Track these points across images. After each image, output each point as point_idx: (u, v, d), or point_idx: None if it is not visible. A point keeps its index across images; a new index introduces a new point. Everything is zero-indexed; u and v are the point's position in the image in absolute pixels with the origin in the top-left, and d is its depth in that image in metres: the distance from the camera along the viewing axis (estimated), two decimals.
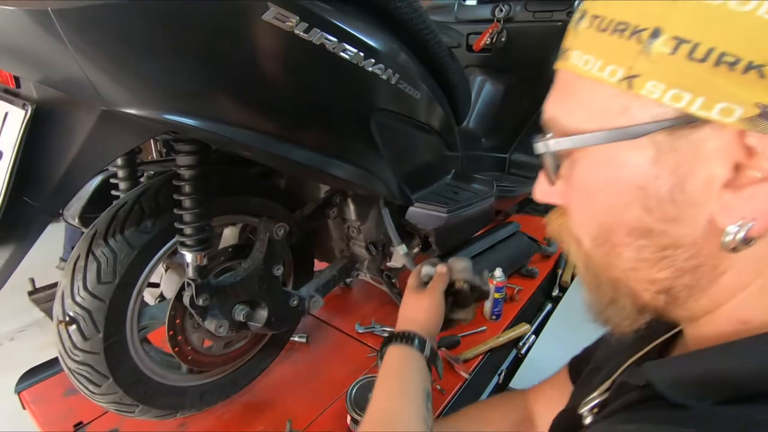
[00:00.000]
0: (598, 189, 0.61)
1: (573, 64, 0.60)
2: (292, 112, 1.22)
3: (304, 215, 1.69)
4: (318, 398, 1.82)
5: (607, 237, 0.62)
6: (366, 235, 1.88)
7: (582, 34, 0.60)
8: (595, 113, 0.57)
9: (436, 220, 1.84)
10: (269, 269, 1.55)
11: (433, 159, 2.02)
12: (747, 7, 0.46)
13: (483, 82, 2.94)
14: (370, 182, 1.52)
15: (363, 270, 2.02)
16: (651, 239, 0.58)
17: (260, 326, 1.58)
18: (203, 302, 1.39)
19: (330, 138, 1.36)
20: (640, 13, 0.53)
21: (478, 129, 2.89)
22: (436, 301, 1.29)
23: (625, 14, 0.54)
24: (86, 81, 0.91)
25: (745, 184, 0.50)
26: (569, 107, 0.61)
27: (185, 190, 1.30)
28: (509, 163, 2.91)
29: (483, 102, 2.91)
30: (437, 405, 1.79)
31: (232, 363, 1.74)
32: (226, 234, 1.70)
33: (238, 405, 1.80)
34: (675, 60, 0.50)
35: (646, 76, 0.52)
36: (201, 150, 1.28)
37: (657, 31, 0.51)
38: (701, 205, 0.53)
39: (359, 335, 2.21)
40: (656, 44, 0.51)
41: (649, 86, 0.52)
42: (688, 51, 0.49)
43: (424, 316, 1.26)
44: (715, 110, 0.49)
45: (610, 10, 0.56)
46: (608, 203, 0.60)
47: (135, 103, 0.97)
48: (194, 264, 1.36)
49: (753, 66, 0.46)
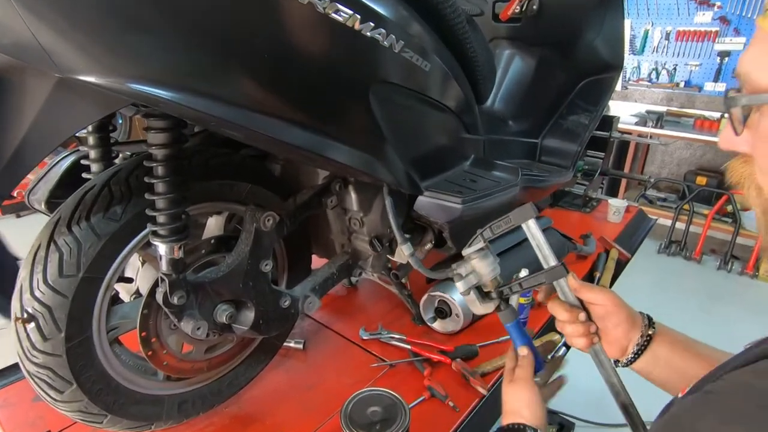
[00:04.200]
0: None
1: None
2: (280, 84, 1.22)
3: (297, 204, 1.69)
4: (313, 412, 1.82)
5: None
6: (370, 228, 1.88)
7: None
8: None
9: (449, 211, 1.83)
10: (256, 264, 1.55)
11: (447, 142, 2.01)
12: None
13: (511, 56, 2.91)
14: (372, 168, 1.52)
15: (367, 268, 2.02)
16: None
17: (246, 329, 1.57)
18: (178, 300, 1.39)
19: (324, 116, 1.36)
20: None
21: (505, 110, 2.86)
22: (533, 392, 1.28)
23: None
24: (36, 45, 0.91)
25: None
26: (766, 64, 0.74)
27: (158, 173, 1.29)
28: (540, 150, 2.89)
29: (511, 79, 2.88)
30: (448, 424, 1.79)
31: (216, 370, 1.74)
32: (210, 224, 1.70)
33: (222, 418, 1.79)
34: None
35: None
36: (176, 126, 1.28)
37: None
38: None
39: (363, 342, 2.21)
40: None
41: None
42: None
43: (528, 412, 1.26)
44: None
45: None
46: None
47: (95, 70, 0.96)
48: (168, 256, 1.35)
49: None
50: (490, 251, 1.30)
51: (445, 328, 2.26)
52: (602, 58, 2.77)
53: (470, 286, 1.30)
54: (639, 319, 1.30)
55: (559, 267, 1.22)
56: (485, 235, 1.28)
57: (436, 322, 2.27)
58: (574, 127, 2.83)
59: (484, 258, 1.29)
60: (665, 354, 1.26)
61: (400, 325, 2.31)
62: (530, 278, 1.26)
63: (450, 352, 2.10)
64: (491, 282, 1.31)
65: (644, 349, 1.27)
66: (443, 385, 1.92)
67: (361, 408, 1.60)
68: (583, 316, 1.28)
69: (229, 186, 1.55)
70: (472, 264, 1.30)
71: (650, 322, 1.30)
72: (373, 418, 1.55)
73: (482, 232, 1.29)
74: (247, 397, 1.88)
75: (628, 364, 1.30)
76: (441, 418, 1.82)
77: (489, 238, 1.28)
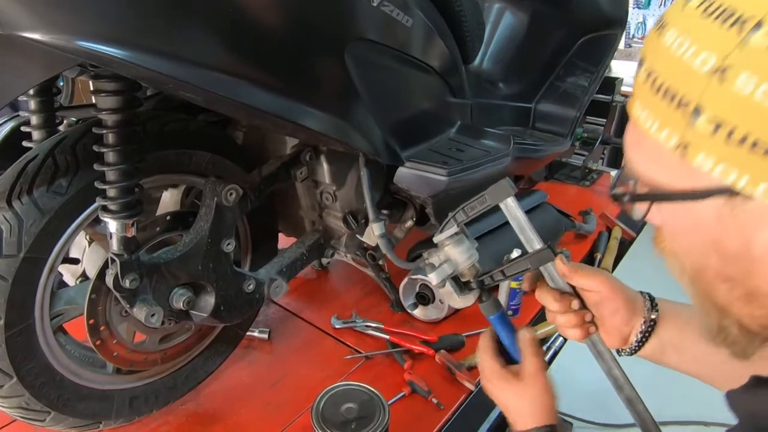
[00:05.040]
0: (682, 234, 0.81)
1: (636, 116, 0.78)
2: (245, 40, 1.23)
3: (263, 176, 1.70)
4: (280, 410, 1.84)
5: (699, 274, 0.81)
6: (343, 203, 1.89)
7: (640, 86, 0.77)
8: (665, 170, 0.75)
9: (433, 184, 1.85)
10: (217, 244, 1.57)
11: (431, 106, 2.03)
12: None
13: (501, 10, 2.89)
14: (347, 135, 1.53)
15: (340, 248, 2.04)
16: (735, 284, 0.76)
17: (206, 316, 1.59)
18: (131, 284, 1.40)
19: (294, 77, 1.38)
20: (683, 84, 0.68)
21: (495, 71, 2.85)
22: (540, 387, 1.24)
23: (673, 81, 0.70)
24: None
25: None
26: (642, 156, 0.79)
27: (108, 141, 1.31)
28: (534, 116, 2.89)
29: (501, 36, 2.86)
30: (432, 423, 1.82)
31: (171, 362, 1.76)
32: (165, 198, 1.71)
33: (177, 416, 1.81)
34: (717, 139, 0.66)
35: (696, 148, 0.69)
36: (129, 89, 1.29)
37: (698, 109, 0.67)
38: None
39: (336, 331, 2.23)
40: (700, 121, 0.67)
41: (699, 158, 0.68)
42: (727, 133, 0.64)
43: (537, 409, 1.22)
44: (760, 189, 0.65)
45: (662, 70, 0.72)
46: (692, 248, 0.80)
47: (40, 27, 0.97)
48: (120, 234, 1.36)
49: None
50: (465, 236, 1.28)
51: (427, 315, 2.28)
52: (603, 13, 2.77)
53: (445, 277, 1.27)
54: (640, 302, 1.28)
55: (546, 250, 1.19)
56: (458, 218, 1.25)
57: (417, 309, 2.29)
58: (572, 89, 2.83)
59: (458, 244, 1.27)
60: (673, 338, 1.26)
61: (376, 313, 2.34)
62: (513, 264, 1.24)
63: (433, 342, 2.12)
64: (469, 270, 1.29)
65: (648, 336, 1.26)
66: (426, 380, 1.94)
67: (335, 405, 1.61)
68: (575, 304, 1.25)
69: (186, 156, 1.57)
70: (446, 251, 1.28)
71: (653, 303, 1.28)
72: (348, 416, 1.57)
73: (455, 215, 1.26)
74: (205, 393, 1.90)
75: (632, 353, 1.29)
76: (424, 417, 1.85)
77: (463, 221, 1.25)
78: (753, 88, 0.61)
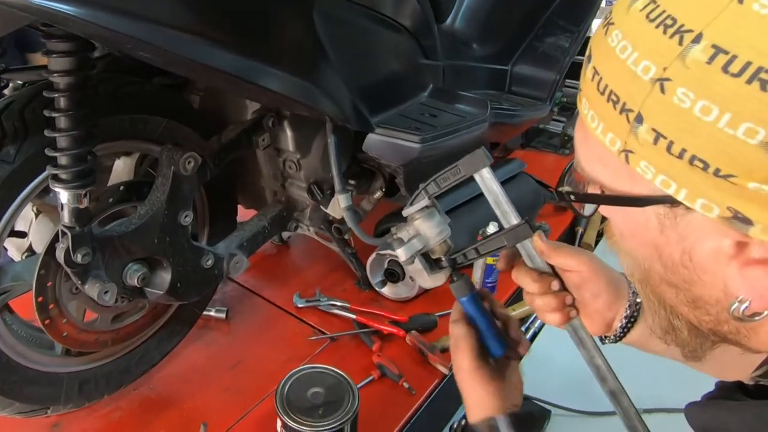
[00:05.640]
0: (627, 236, 0.83)
1: (583, 114, 0.79)
2: None
3: (222, 143, 1.71)
4: (241, 395, 1.87)
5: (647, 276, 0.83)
6: (308, 172, 1.92)
7: (587, 84, 0.78)
8: (610, 172, 0.77)
9: (404, 152, 1.86)
10: (174, 216, 1.58)
11: (402, 68, 2.05)
12: (709, 118, 0.62)
13: None
14: (313, 98, 1.55)
15: (304, 220, 2.06)
16: (680, 291, 0.78)
17: (161, 293, 1.61)
18: (83, 258, 1.42)
19: (257, 35, 1.40)
20: (626, 90, 0.70)
21: (469, 30, 2.80)
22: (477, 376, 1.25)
23: (617, 85, 0.71)
24: None
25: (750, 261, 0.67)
26: (589, 154, 0.81)
27: (60, 105, 1.31)
28: (511, 78, 2.89)
29: None
30: (403, 409, 1.85)
31: (124, 343, 1.77)
32: (117, 167, 1.71)
33: (130, 401, 1.83)
34: (658, 150, 0.67)
35: (638, 155, 0.70)
36: (82, 50, 1.30)
37: (640, 117, 0.68)
38: (714, 273, 0.71)
39: (298, 311, 2.25)
40: (641, 130, 0.68)
41: (642, 165, 0.70)
42: (666, 145, 0.66)
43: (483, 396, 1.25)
44: (698, 204, 0.66)
45: (607, 72, 0.74)
46: (637, 251, 0.82)
47: None
48: (71, 206, 1.37)
49: (720, 174, 0.63)
50: (436, 209, 1.24)
51: (397, 293, 2.31)
52: None
53: (414, 253, 1.23)
54: (624, 284, 1.26)
55: (523, 226, 1.15)
56: (430, 189, 1.21)
57: (385, 287, 2.32)
58: (552, 50, 2.84)
59: (429, 218, 1.22)
60: None
61: (342, 291, 2.37)
62: (488, 242, 1.19)
63: (403, 322, 2.15)
64: (440, 247, 1.25)
65: (633, 321, 1.25)
66: (396, 363, 1.97)
67: (300, 389, 1.63)
68: (555, 285, 1.21)
69: (141, 121, 1.58)
70: (416, 226, 1.23)
71: None
72: (315, 401, 1.59)
73: (426, 187, 1.21)
74: (160, 377, 1.92)
75: (617, 341, 1.28)
76: (394, 402, 1.88)
77: (435, 193, 1.21)
78: (690, 104, 0.63)
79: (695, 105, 0.62)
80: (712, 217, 0.66)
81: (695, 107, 0.62)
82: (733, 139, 0.60)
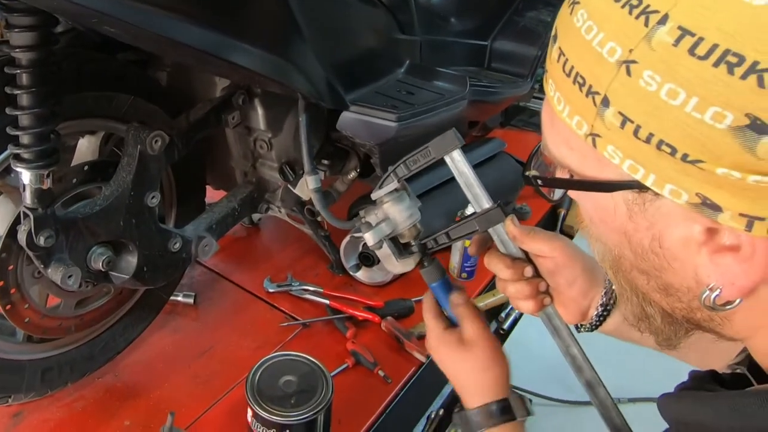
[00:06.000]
0: (596, 222, 0.84)
1: (550, 96, 0.80)
2: None
3: (190, 122, 1.72)
4: (209, 383, 1.88)
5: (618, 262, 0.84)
6: (279, 152, 1.93)
7: (553, 64, 0.79)
8: (577, 156, 0.78)
9: (380, 131, 1.87)
10: (140, 197, 1.59)
11: (377, 43, 2.06)
12: (676, 102, 0.63)
13: None
14: (285, 75, 1.56)
15: (275, 202, 2.08)
16: (651, 278, 0.80)
17: (127, 278, 1.62)
18: (45, 241, 1.42)
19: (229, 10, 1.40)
20: (592, 72, 0.71)
21: (446, 4, 2.83)
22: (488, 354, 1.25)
23: (583, 67, 0.72)
24: None
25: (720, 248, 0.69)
26: (556, 137, 0.81)
27: (22, 82, 1.32)
28: (490, 54, 2.89)
29: None
30: (378, 398, 1.86)
31: (88, 329, 1.78)
32: (81, 146, 1.71)
33: (95, 390, 1.84)
34: (625, 134, 0.68)
35: (605, 139, 0.71)
36: (44, 24, 1.30)
37: (606, 100, 0.69)
38: (684, 260, 0.73)
39: (269, 296, 2.27)
40: (608, 113, 0.69)
41: (609, 150, 0.71)
42: (633, 130, 0.67)
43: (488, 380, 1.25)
44: (666, 189, 0.68)
45: (572, 53, 0.74)
46: (606, 238, 0.83)
47: None
48: (33, 186, 1.37)
49: (688, 159, 0.64)
50: (406, 192, 1.26)
51: (372, 278, 2.33)
52: None
53: (382, 237, 1.24)
54: (600, 271, 1.26)
55: (495, 210, 1.16)
56: (399, 172, 1.22)
57: (360, 272, 2.34)
58: (533, 25, 2.85)
59: (398, 201, 1.24)
60: None
61: (314, 275, 2.38)
62: (459, 226, 1.21)
63: (379, 308, 2.17)
64: (409, 231, 1.27)
65: (609, 309, 1.26)
66: (371, 350, 1.99)
67: (272, 377, 1.65)
68: (528, 271, 1.21)
69: (105, 98, 1.58)
70: (385, 209, 1.25)
71: None
72: (287, 390, 1.61)
73: (395, 169, 1.23)
74: (125, 364, 1.93)
75: (592, 329, 1.30)
76: (369, 391, 1.90)
77: (404, 176, 1.22)
78: (657, 88, 0.63)
79: (662, 88, 0.63)
80: (681, 203, 0.67)
81: (662, 91, 0.63)
82: (700, 123, 0.61)
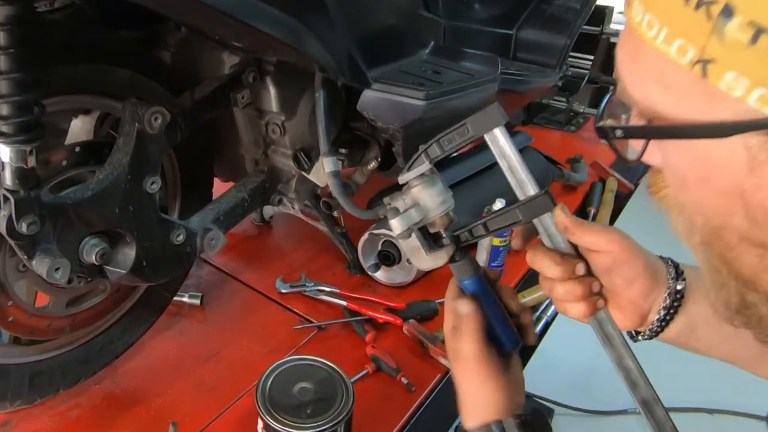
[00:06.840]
0: (693, 184, 0.69)
1: (635, 19, 0.66)
2: None
3: (195, 100, 1.64)
4: (216, 391, 1.81)
5: (718, 235, 0.70)
6: (293, 137, 1.85)
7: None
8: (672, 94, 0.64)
9: (407, 110, 1.77)
10: (139, 182, 1.50)
11: (402, 18, 1.98)
12: None
13: None
14: (303, 42, 1.47)
15: (288, 193, 2.00)
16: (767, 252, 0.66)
17: (124, 273, 1.53)
18: (29, 228, 1.32)
19: None
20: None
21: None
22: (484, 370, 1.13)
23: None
24: None
25: None
26: (641, 75, 0.68)
27: (1, 42, 1.20)
28: (516, 43, 2.82)
29: None
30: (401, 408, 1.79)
31: (83, 331, 1.70)
32: (75, 127, 1.62)
33: (91, 397, 1.76)
34: (757, 52, 0.54)
35: (723, 64, 0.57)
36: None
37: (729, 9, 0.55)
38: None
39: (282, 297, 2.21)
40: (730, 27, 0.55)
41: (728, 78, 0.57)
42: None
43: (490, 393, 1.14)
44: None
45: None
46: (707, 202, 0.69)
47: None
48: (14, 165, 1.27)
49: None
50: (438, 176, 1.15)
51: (392, 278, 2.28)
52: None
53: (411, 225, 1.11)
54: (662, 269, 1.15)
55: (543, 197, 1.05)
56: (431, 152, 1.12)
57: (379, 271, 2.29)
58: (561, 13, 2.80)
59: (429, 185, 1.12)
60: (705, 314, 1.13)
61: (330, 275, 2.33)
62: (499, 216, 1.10)
63: (400, 310, 2.10)
64: (441, 220, 1.14)
65: (674, 313, 1.13)
66: (393, 355, 1.92)
67: (285, 384, 1.58)
68: (581, 268, 1.09)
69: (101, 72, 1.49)
70: (414, 194, 1.13)
71: (678, 271, 1.14)
72: (303, 398, 1.54)
73: (426, 149, 1.12)
74: (125, 370, 1.86)
75: (652, 337, 1.16)
76: (392, 400, 1.83)
77: (437, 156, 1.12)
78: None
79: None
80: None
81: None
82: None
